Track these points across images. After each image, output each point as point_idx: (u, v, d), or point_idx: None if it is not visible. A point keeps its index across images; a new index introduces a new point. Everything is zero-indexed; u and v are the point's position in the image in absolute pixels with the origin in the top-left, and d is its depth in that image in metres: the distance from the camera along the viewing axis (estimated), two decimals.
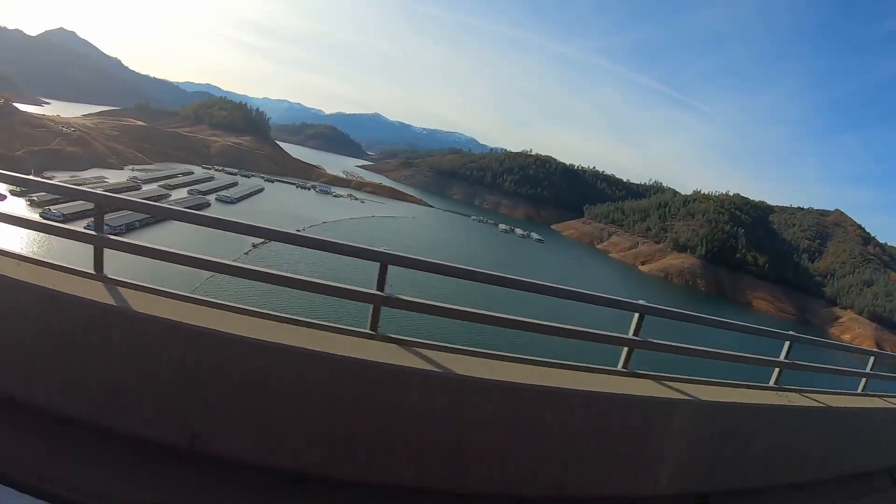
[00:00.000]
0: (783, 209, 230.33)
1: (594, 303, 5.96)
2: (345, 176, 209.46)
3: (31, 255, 4.78)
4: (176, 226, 66.30)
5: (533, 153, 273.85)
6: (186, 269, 5.22)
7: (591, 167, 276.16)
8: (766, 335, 7.03)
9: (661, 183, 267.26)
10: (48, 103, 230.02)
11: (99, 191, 5.46)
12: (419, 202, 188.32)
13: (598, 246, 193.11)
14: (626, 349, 5.93)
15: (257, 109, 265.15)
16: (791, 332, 7.10)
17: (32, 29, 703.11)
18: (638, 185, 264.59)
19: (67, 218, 58.95)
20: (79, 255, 5.10)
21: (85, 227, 5.44)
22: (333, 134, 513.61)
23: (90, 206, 5.49)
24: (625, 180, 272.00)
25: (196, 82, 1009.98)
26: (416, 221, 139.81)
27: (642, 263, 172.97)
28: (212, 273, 5.67)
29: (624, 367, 5.89)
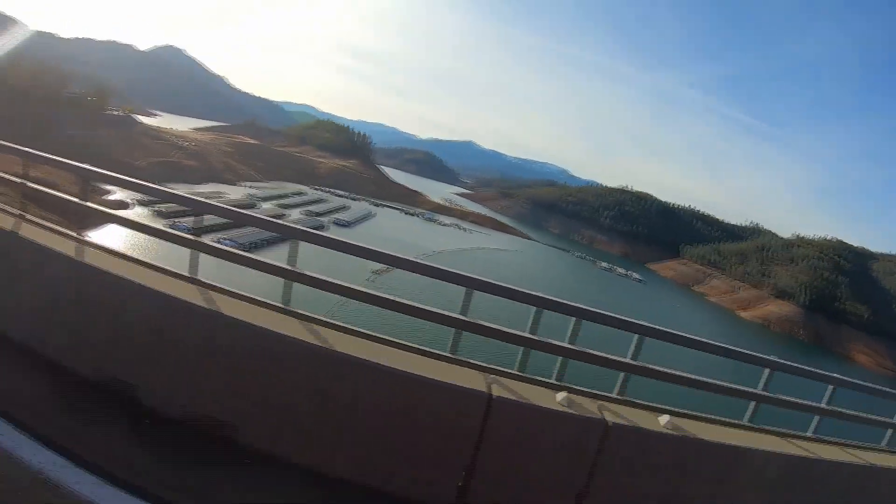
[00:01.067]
0: (886, 257, 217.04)
1: (727, 356, 5.98)
2: (447, 204, 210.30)
3: (161, 265, 5.26)
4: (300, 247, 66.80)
5: (631, 189, 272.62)
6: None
7: (688, 205, 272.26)
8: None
9: (757, 224, 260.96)
10: (158, 115, 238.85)
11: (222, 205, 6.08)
12: (520, 234, 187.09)
13: (696, 288, 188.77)
14: (753, 403, 6.14)
15: (360, 133, 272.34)
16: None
17: (143, 44, 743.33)
18: (734, 226, 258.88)
19: (195, 231, 60.40)
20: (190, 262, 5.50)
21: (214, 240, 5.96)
22: (429, 159, 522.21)
23: (219, 220, 6.37)
24: (721, 220, 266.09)
25: (295, 102, 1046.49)
26: (520, 255, 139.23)
27: (742, 309, 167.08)
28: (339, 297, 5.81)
29: (750, 420, 6.06)
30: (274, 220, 5.65)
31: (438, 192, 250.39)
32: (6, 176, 6.21)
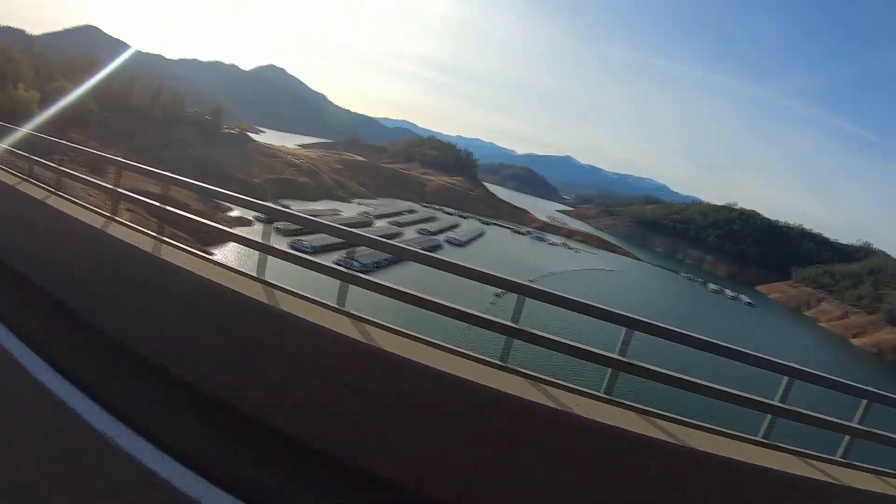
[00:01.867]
0: None
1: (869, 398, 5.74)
2: (552, 222, 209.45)
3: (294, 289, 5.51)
4: (414, 266, 66.34)
5: (737, 207, 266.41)
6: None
7: (797, 224, 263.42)
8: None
9: (868, 243, 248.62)
10: (264, 132, 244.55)
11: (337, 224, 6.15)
12: (627, 254, 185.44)
13: (806, 313, 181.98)
14: (847, 438, 5.80)
15: (465, 150, 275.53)
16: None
17: (246, 65, 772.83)
18: (845, 246, 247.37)
19: (316, 250, 60.16)
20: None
21: (335, 262, 6.26)
22: (530, 175, 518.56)
23: (337, 240, 6.98)
24: (831, 239, 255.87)
25: (393, 118, 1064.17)
26: (629, 276, 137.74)
27: (853, 336, 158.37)
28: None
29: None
30: (388, 241, 5.84)
31: (541, 208, 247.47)
32: (146, 199, 6.92)
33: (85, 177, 8.02)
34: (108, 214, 6.76)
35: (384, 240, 5.77)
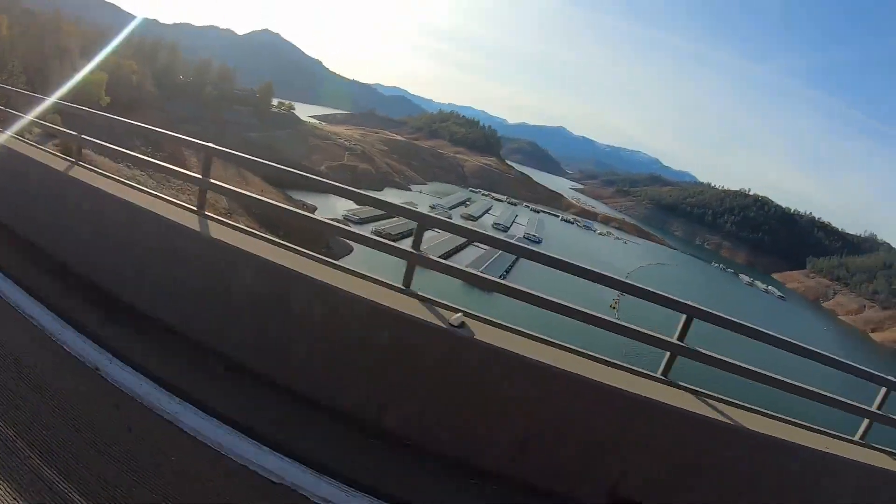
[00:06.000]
0: None
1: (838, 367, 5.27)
2: (583, 206, 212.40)
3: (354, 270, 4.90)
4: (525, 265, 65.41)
5: (750, 192, 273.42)
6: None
7: (807, 213, 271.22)
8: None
9: (873, 233, 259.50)
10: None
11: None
12: (662, 242, 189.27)
13: (824, 304, 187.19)
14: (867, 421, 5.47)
15: (489, 127, 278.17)
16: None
17: (241, 29, 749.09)
18: (853, 236, 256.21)
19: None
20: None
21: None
22: (532, 149, 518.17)
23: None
24: (839, 229, 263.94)
25: (386, 84, 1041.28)
26: (675, 269, 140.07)
27: (872, 330, 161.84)
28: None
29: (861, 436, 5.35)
30: (507, 239, 5.49)
31: (553, 186, 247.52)
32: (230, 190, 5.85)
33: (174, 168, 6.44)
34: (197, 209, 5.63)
35: (520, 244, 5.38)
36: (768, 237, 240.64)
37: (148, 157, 6.97)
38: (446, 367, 4.38)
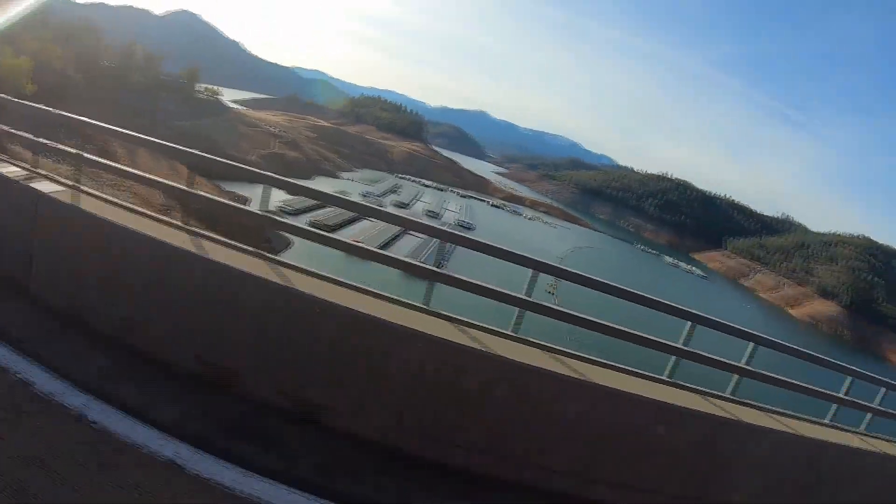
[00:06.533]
0: None
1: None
2: (509, 190, 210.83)
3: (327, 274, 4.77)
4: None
5: (671, 176, 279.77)
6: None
7: (726, 196, 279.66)
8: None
9: (788, 216, 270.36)
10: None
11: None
12: (587, 226, 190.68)
13: (744, 283, 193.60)
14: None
15: (415, 112, 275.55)
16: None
17: (158, 9, 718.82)
18: (770, 218, 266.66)
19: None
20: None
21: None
22: (456, 133, 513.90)
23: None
24: (757, 212, 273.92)
25: (306, 68, 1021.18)
26: (601, 251, 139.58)
27: (790, 306, 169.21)
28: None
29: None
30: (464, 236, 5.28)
31: (476, 170, 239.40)
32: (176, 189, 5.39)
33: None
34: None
35: (464, 234, 5.34)
36: (689, 219, 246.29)
37: (79, 151, 5.97)
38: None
